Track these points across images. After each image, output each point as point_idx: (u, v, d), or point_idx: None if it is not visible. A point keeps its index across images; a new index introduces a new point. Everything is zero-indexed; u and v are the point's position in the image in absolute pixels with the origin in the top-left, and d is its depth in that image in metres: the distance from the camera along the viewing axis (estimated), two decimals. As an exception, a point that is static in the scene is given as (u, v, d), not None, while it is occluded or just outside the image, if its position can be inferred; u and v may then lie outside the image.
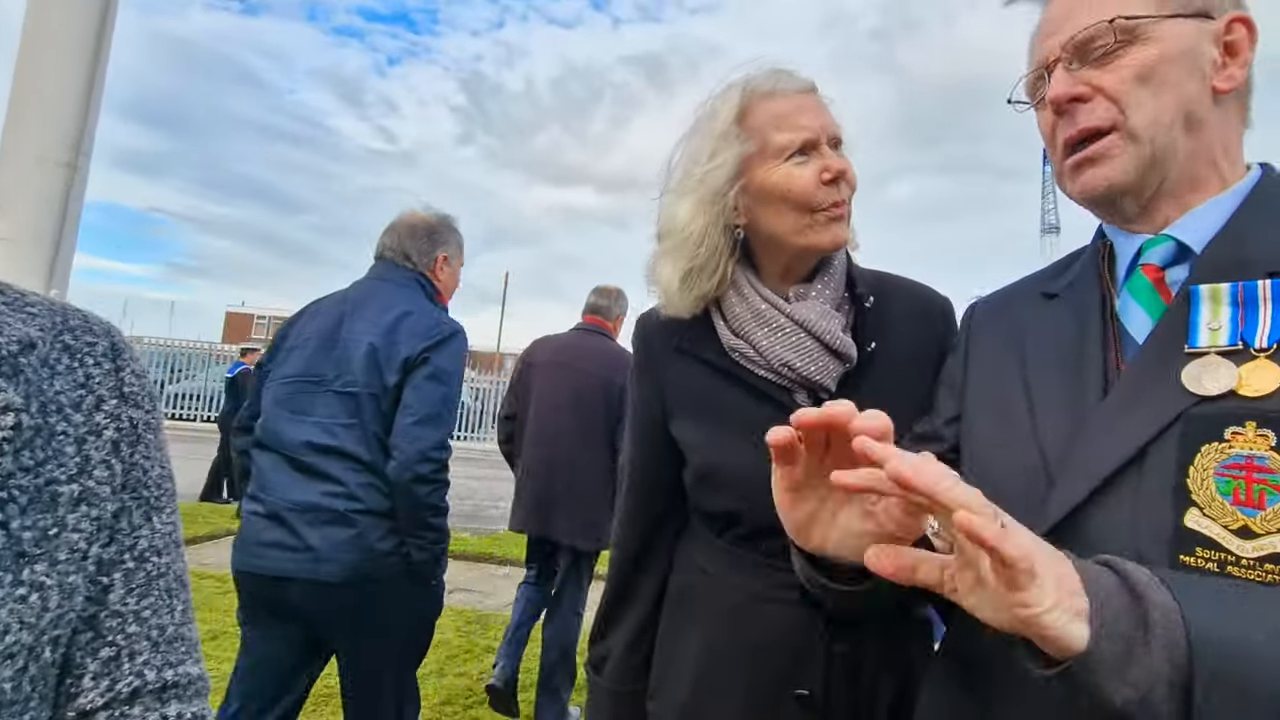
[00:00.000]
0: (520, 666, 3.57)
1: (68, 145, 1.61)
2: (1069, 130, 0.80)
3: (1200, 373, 0.68)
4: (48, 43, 1.57)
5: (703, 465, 1.12)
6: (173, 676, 0.56)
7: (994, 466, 0.82)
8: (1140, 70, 0.76)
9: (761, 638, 1.06)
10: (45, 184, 1.56)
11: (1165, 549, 0.65)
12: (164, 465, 0.62)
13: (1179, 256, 0.77)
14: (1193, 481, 0.65)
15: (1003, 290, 1.02)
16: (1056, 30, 0.81)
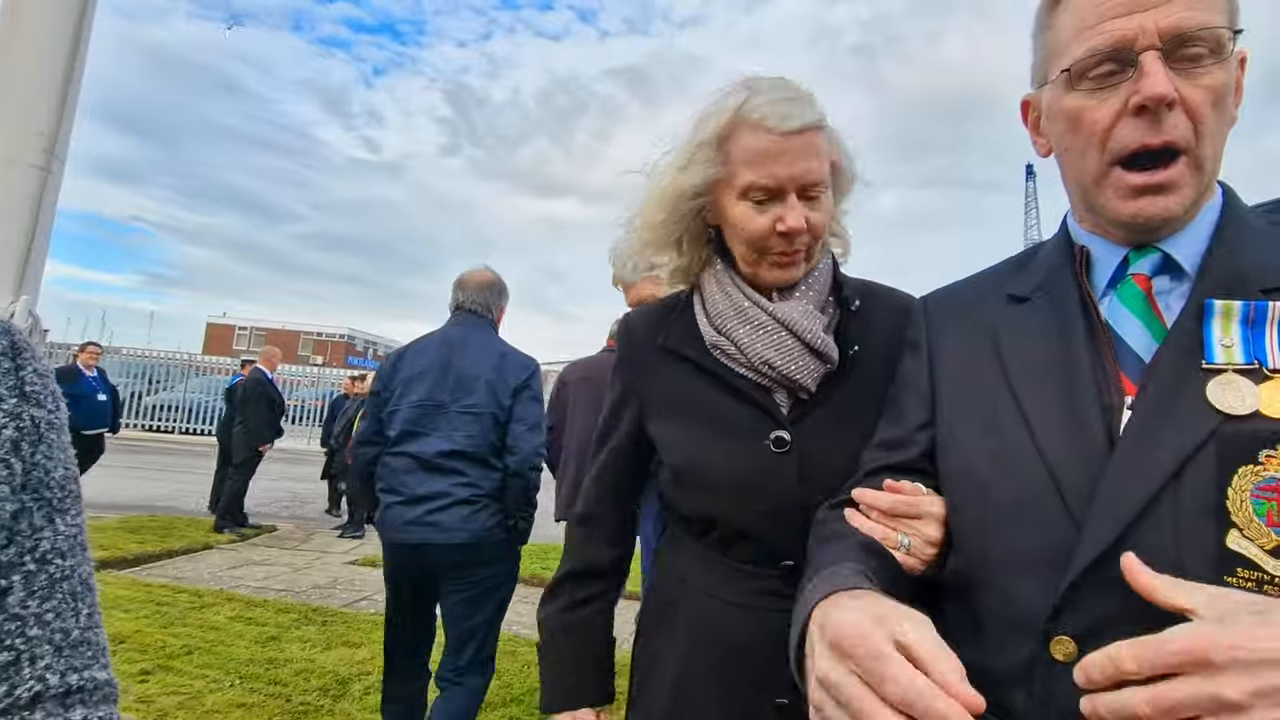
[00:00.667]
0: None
1: (41, 148, 1.58)
2: (1149, 136, 0.72)
3: (1224, 390, 0.68)
4: (22, 43, 1.54)
5: (680, 464, 1.12)
6: (77, 681, 0.55)
7: (994, 483, 0.80)
8: (1218, 93, 0.72)
9: (740, 646, 1.05)
10: (16, 186, 1.53)
11: (1210, 569, 0.65)
12: (68, 466, 0.60)
13: (1165, 267, 0.78)
14: (1231, 503, 0.65)
15: (955, 287, 1.00)
16: (1147, 5, 0.72)
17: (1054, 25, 0.80)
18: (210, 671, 3.80)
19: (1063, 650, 0.71)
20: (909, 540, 0.84)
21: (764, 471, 1.04)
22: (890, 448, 0.94)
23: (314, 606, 5.16)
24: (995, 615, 0.77)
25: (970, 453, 0.84)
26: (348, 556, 7.06)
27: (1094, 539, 0.70)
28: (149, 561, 6.21)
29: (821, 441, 1.04)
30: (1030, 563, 0.74)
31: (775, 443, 1.04)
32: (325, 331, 53.84)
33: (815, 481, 1.02)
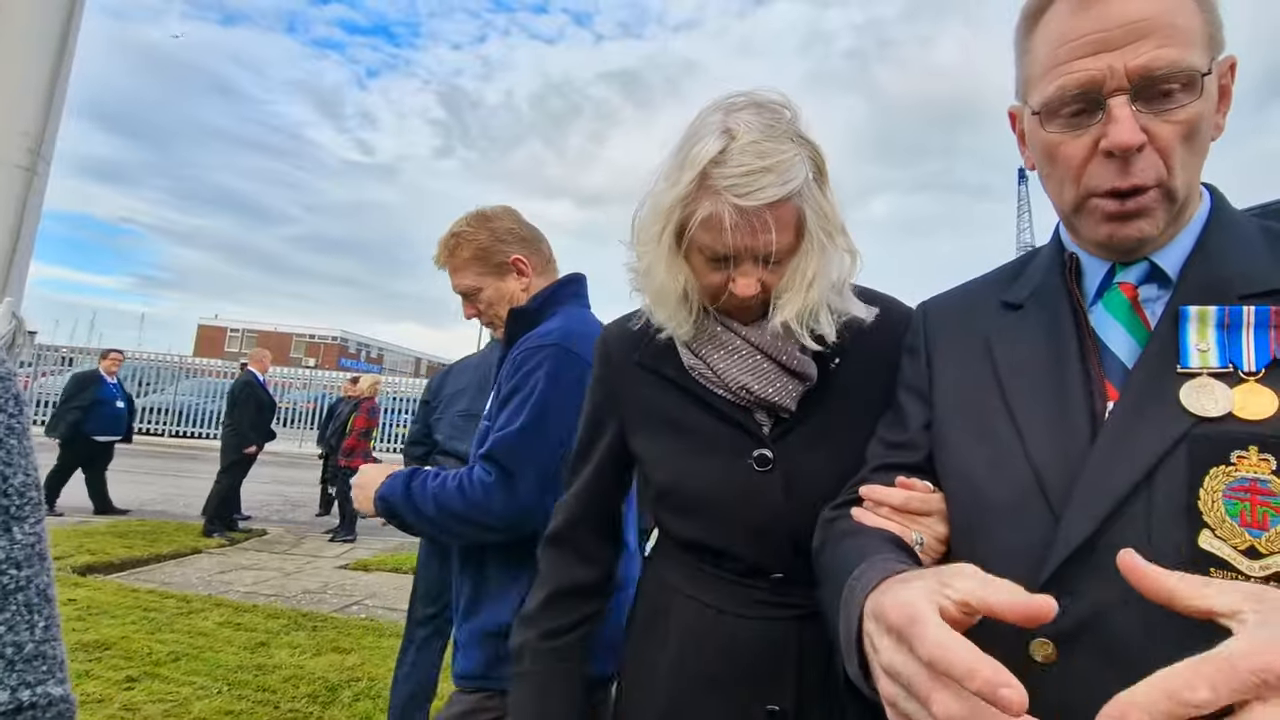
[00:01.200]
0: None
1: (25, 148, 1.56)
2: (1120, 179, 0.74)
3: (1197, 394, 0.70)
4: (8, 42, 1.52)
5: (664, 484, 1.11)
6: (29, 697, 0.53)
7: (987, 488, 0.81)
8: (1190, 128, 0.73)
9: (733, 654, 1.04)
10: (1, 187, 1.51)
11: (1182, 569, 0.63)
12: (28, 473, 0.57)
13: (1150, 274, 0.79)
14: (1203, 503, 0.66)
15: (953, 294, 1.02)
16: (1114, 45, 0.72)
17: (1030, 50, 0.81)
18: (197, 678, 3.76)
19: (1042, 652, 0.72)
20: (921, 537, 0.84)
21: (748, 490, 1.03)
22: (896, 447, 0.95)
23: (304, 612, 5.12)
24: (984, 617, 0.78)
25: (964, 457, 0.85)
26: (339, 561, 7.01)
27: (1068, 535, 0.71)
28: (136, 566, 6.14)
29: (805, 458, 1.03)
30: (1013, 562, 0.75)
31: (758, 461, 1.03)
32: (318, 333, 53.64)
33: (801, 498, 1.01)
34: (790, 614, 1.03)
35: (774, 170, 0.91)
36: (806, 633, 1.02)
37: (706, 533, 1.08)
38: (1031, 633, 0.72)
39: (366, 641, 4.56)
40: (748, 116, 0.94)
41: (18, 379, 0.61)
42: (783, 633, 1.02)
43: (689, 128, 0.99)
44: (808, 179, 0.95)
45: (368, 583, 6.29)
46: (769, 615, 1.04)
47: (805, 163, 0.95)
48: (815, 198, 0.97)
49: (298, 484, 11.91)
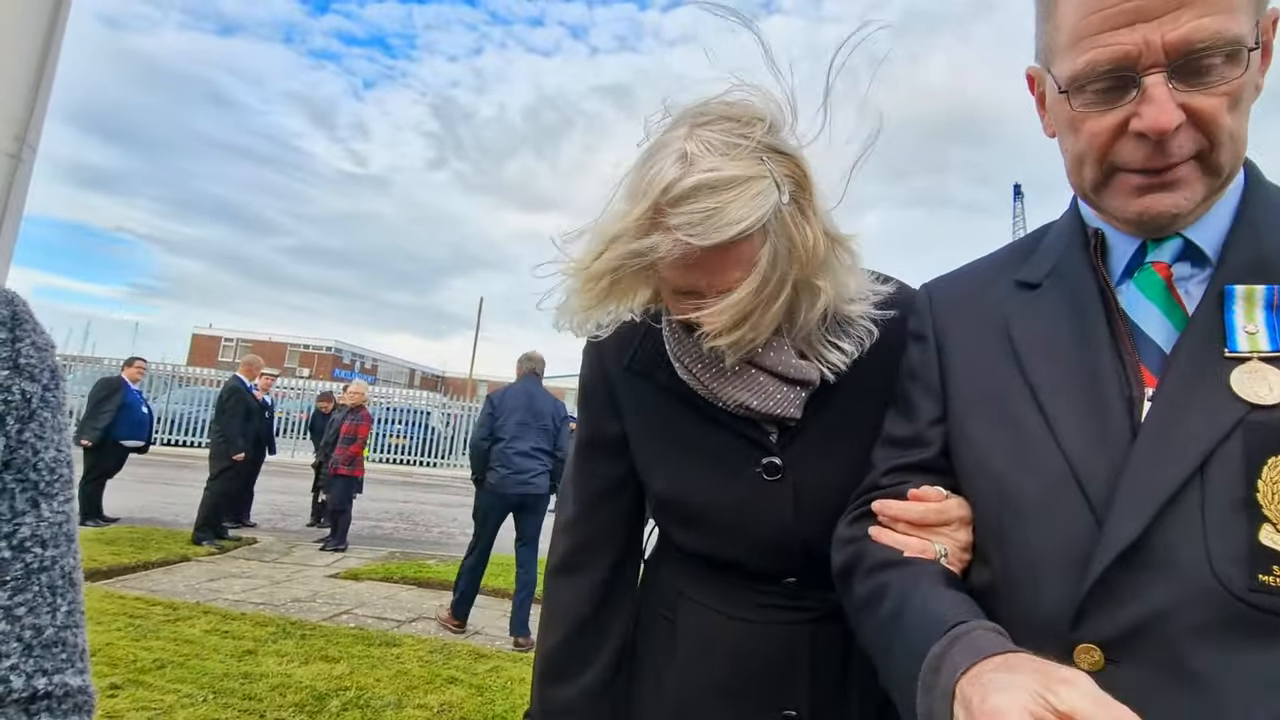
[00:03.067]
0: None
1: (13, 135, 1.53)
2: (1152, 160, 0.68)
3: (1249, 379, 0.64)
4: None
5: (665, 495, 1.05)
6: (45, 686, 0.49)
7: (1015, 482, 0.75)
8: (1233, 98, 0.67)
9: (744, 660, 1.00)
10: (-16, 173, 1.48)
11: (1242, 568, 0.61)
12: (60, 449, 0.55)
13: (1185, 252, 0.73)
14: (1263, 496, 0.61)
15: (960, 274, 0.95)
16: (1151, 14, 0.65)
17: (1054, 14, 0.73)
18: (183, 686, 3.69)
19: (1089, 660, 0.67)
20: (944, 549, 0.80)
21: (757, 501, 0.97)
22: (904, 445, 0.89)
23: (292, 620, 5.04)
24: (1015, 621, 0.73)
25: (985, 449, 0.80)
26: (329, 570, 6.92)
27: (1116, 536, 0.66)
28: (124, 573, 6.05)
29: (816, 464, 0.98)
30: (1051, 563, 0.71)
31: (767, 470, 0.97)
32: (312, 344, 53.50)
33: (812, 509, 0.96)
34: (804, 617, 0.99)
35: (728, 209, 0.81)
36: (820, 636, 0.98)
37: (713, 544, 1.02)
38: (1077, 638, 0.68)
39: (355, 650, 4.49)
40: (712, 135, 0.85)
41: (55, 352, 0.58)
42: (796, 637, 0.98)
43: (655, 140, 0.90)
44: (776, 207, 0.85)
45: (358, 592, 6.21)
46: (782, 620, 0.99)
47: (774, 188, 0.84)
48: (785, 226, 0.86)
49: (290, 493, 11.81)
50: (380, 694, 3.84)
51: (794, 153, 0.88)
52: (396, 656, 4.47)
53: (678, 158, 0.84)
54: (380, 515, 10.79)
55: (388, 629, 5.14)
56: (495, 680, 4.21)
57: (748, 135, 0.85)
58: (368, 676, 4.07)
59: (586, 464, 1.13)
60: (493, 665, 4.44)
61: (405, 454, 20.25)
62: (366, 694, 3.81)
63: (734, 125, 0.86)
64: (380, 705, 3.70)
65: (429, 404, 21.68)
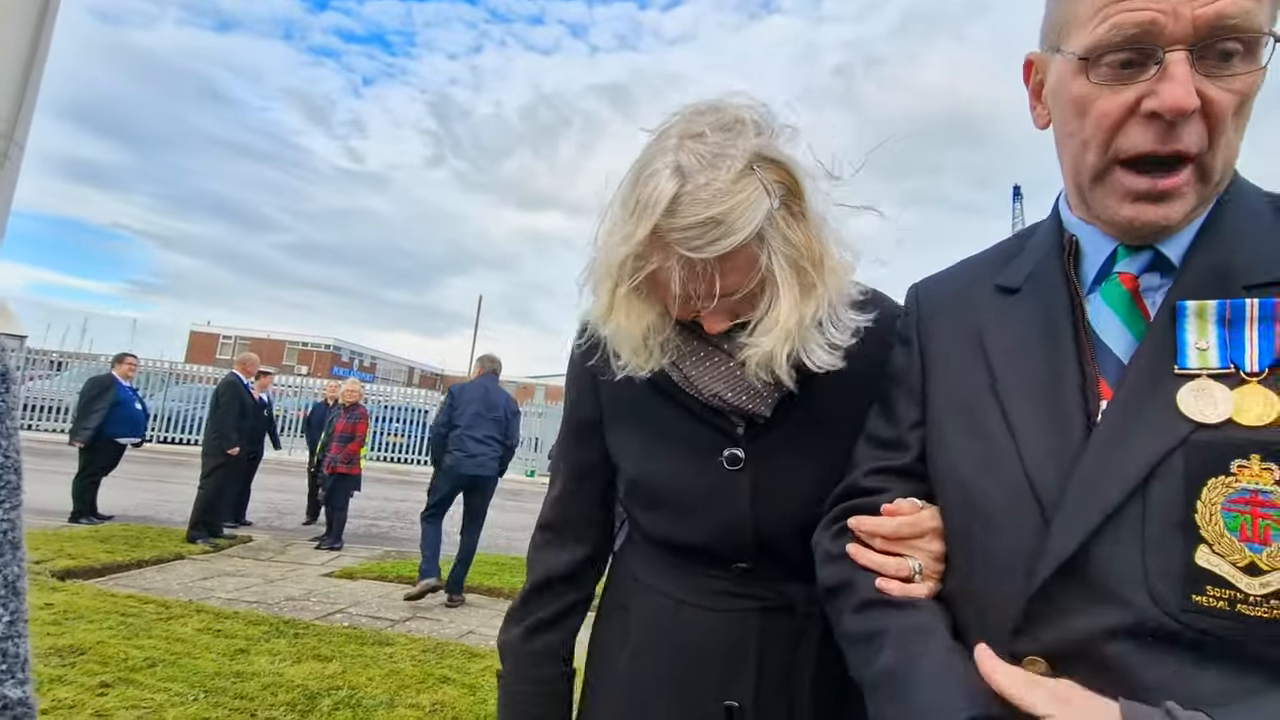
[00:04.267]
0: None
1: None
2: (1159, 143, 0.66)
3: (1195, 397, 0.65)
4: (-20, 23, 1.49)
5: (635, 477, 1.09)
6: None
7: (980, 491, 0.76)
8: (1242, 99, 0.66)
9: (692, 648, 1.02)
10: (-31, 170, 1.47)
11: (1177, 587, 0.62)
12: (8, 455, 0.54)
13: (1154, 263, 0.73)
14: (1200, 516, 0.62)
15: (947, 274, 0.96)
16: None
17: None
18: (173, 685, 3.68)
19: (1035, 670, 0.67)
20: (918, 564, 0.81)
21: (715, 489, 1.01)
22: (886, 447, 0.90)
23: (285, 619, 5.03)
24: (973, 628, 0.74)
25: (956, 456, 0.80)
26: (324, 569, 6.92)
27: (1055, 549, 0.67)
28: (117, 571, 6.04)
29: (778, 460, 1.00)
30: (1007, 573, 0.71)
31: (729, 460, 1.00)
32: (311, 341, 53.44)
33: (768, 502, 0.99)
34: (752, 606, 1.00)
35: (724, 220, 0.83)
36: (769, 626, 0.99)
37: (671, 526, 1.06)
38: (1023, 650, 0.68)
39: (348, 650, 4.48)
40: (701, 146, 0.87)
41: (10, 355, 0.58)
42: (743, 626, 1.00)
43: (646, 151, 0.92)
44: (770, 214, 0.86)
45: (352, 590, 6.21)
46: (730, 607, 1.01)
47: (765, 195, 0.86)
48: (781, 231, 0.88)
49: (286, 490, 11.80)
50: (372, 693, 3.83)
51: (783, 159, 0.89)
52: (389, 656, 4.46)
53: (671, 172, 0.86)
54: (376, 514, 10.78)
55: (381, 628, 5.14)
56: (488, 680, 4.20)
57: (736, 144, 0.87)
58: (360, 675, 4.06)
59: (570, 444, 1.19)
60: (486, 665, 4.43)
61: (403, 452, 20.23)
62: (358, 693, 3.81)
63: (723, 135, 0.88)
64: (372, 704, 3.69)
65: (427, 402, 21.63)
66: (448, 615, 5.76)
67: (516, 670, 1.13)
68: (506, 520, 11.35)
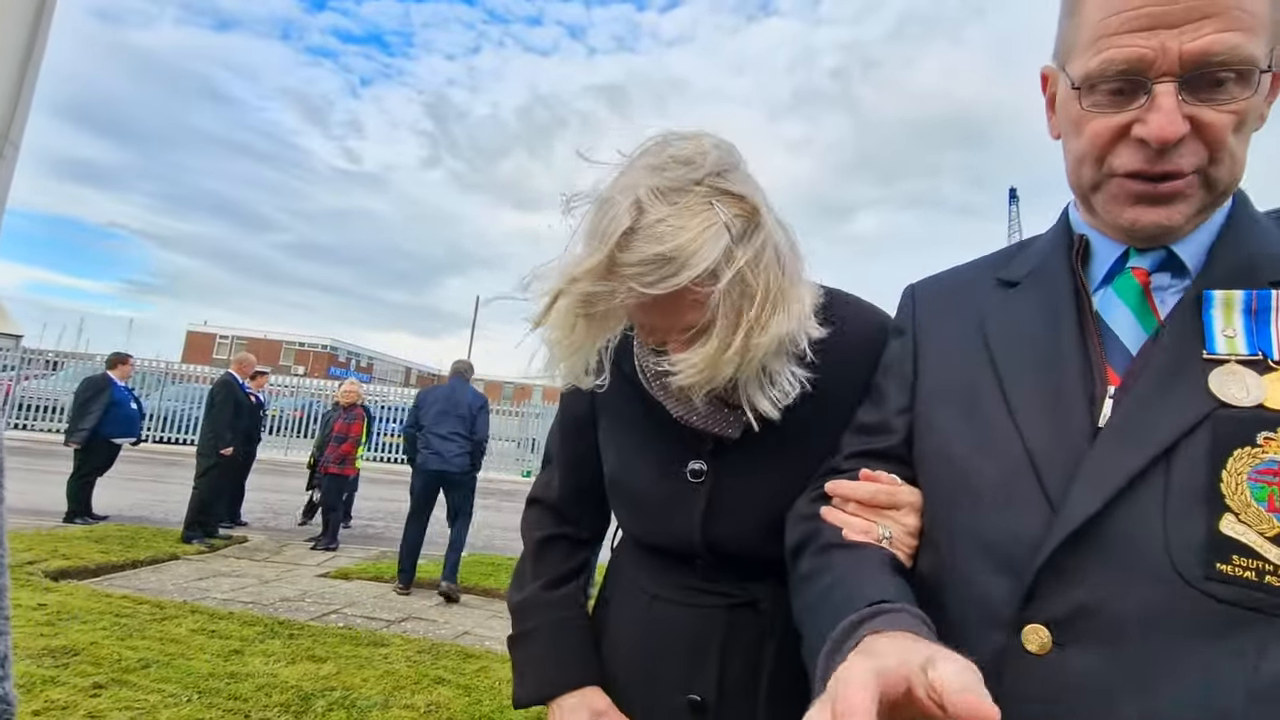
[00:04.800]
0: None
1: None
2: (1156, 164, 0.68)
3: (1228, 380, 0.65)
4: (-24, 23, 1.49)
5: (611, 477, 1.14)
6: None
7: (973, 468, 0.77)
8: (1241, 118, 0.67)
9: (661, 641, 1.05)
10: (-35, 169, 1.47)
11: (1199, 556, 0.62)
12: None
13: (1166, 263, 0.74)
14: (1226, 485, 0.62)
15: (945, 275, 0.97)
16: (1173, 22, 0.65)
17: (1080, 12, 0.73)
18: (167, 686, 3.67)
19: (1037, 641, 0.67)
20: (889, 531, 0.82)
21: (674, 499, 1.04)
22: (869, 432, 0.91)
23: (280, 619, 5.02)
24: (962, 606, 0.75)
25: (948, 435, 0.81)
26: (320, 569, 6.90)
27: (1069, 517, 0.66)
28: (111, 572, 6.02)
29: (739, 476, 1.01)
30: (1002, 550, 0.72)
31: (691, 473, 1.03)
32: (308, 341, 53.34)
33: (721, 517, 1.01)
34: (720, 602, 1.03)
35: (677, 257, 0.82)
36: (733, 622, 1.01)
37: (638, 526, 1.11)
38: (1025, 618, 0.68)
39: (343, 651, 4.48)
40: (662, 181, 0.86)
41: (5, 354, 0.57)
42: (709, 621, 1.02)
43: (611, 183, 0.90)
44: (727, 250, 0.84)
45: (348, 591, 6.20)
46: (697, 603, 1.04)
47: (724, 231, 0.84)
48: (737, 267, 0.85)
49: (282, 491, 11.77)
50: (367, 694, 3.83)
51: (746, 194, 0.88)
52: (384, 656, 4.45)
53: (629, 205, 0.85)
54: (372, 514, 10.76)
55: (376, 629, 5.13)
56: (483, 680, 4.19)
57: (698, 179, 0.86)
58: (355, 676, 4.06)
59: (563, 437, 1.23)
60: (481, 665, 4.43)
61: (400, 453, 20.18)
62: (353, 694, 3.80)
63: (685, 168, 0.87)
64: (366, 705, 3.69)
65: (423, 403, 21.56)
66: (443, 616, 5.75)
67: (541, 613, 1.14)
68: (503, 521, 11.33)
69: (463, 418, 6.35)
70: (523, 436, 20.28)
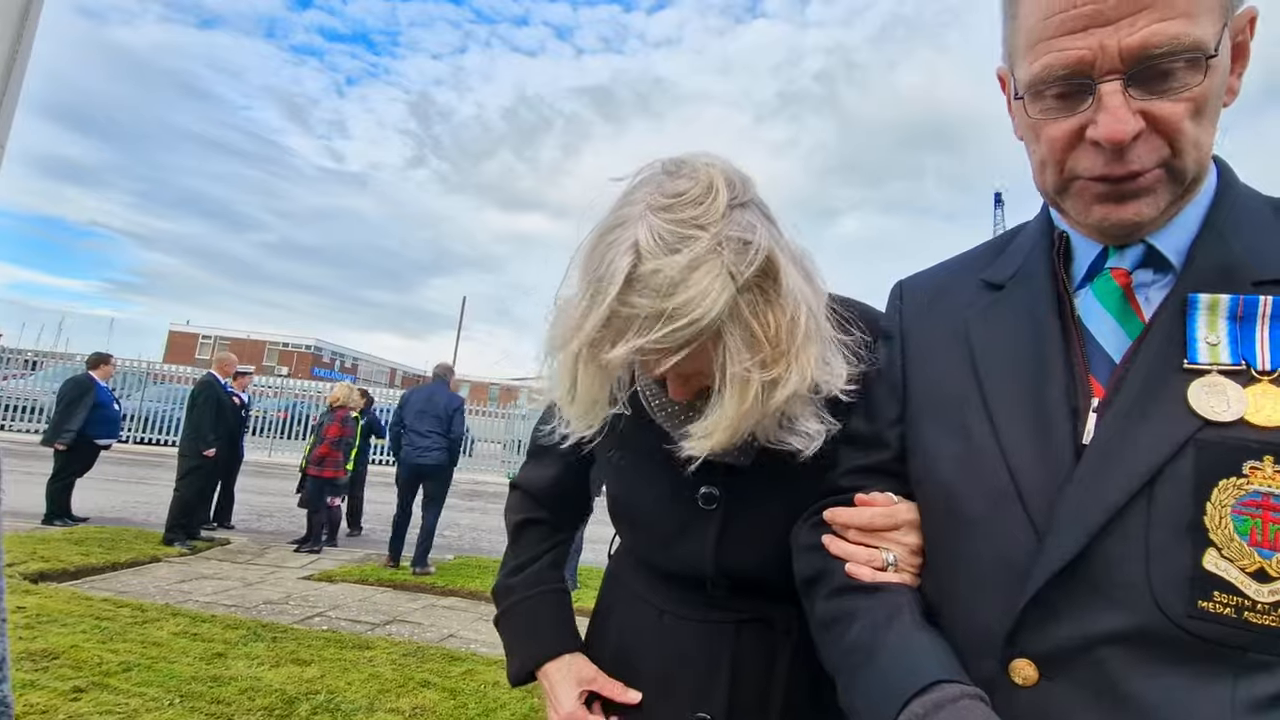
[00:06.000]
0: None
1: (-22, 132, 1.51)
2: (1110, 167, 0.66)
3: (1207, 394, 0.62)
4: (-39, 23, 1.48)
5: (614, 495, 1.11)
6: None
7: (961, 492, 0.75)
8: (1199, 105, 0.64)
9: (669, 657, 1.02)
10: (-51, 170, 1.46)
11: (1183, 592, 0.60)
12: None
13: (1147, 258, 0.71)
14: (1210, 519, 0.59)
15: (933, 271, 0.94)
16: (1108, 18, 0.63)
17: (1017, 15, 0.71)
18: (149, 690, 3.63)
19: (1022, 675, 0.67)
20: (893, 555, 0.80)
21: (685, 526, 1.00)
22: (864, 445, 0.89)
23: (264, 622, 4.98)
24: (955, 632, 0.74)
25: (935, 456, 0.79)
26: (303, 572, 6.85)
27: (1055, 552, 0.64)
28: (92, 574, 5.94)
29: (752, 502, 0.99)
30: (991, 576, 0.70)
31: (704, 499, 0.99)
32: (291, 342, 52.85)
33: (735, 542, 0.98)
34: (730, 618, 1.01)
35: (678, 314, 0.76)
36: (744, 639, 0.99)
37: (647, 550, 1.08)
38: (1012, 653, 0.67)
39: (327, 654, 4.45)
40: (666, 224, 0.78)
41: None
42: (720, 638, 1.00)
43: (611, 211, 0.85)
44: (733, 301, 0.78)
45: (332, 594, 6.15)
46: (709, 619, 1.01)
47: (730, 280, 0.77)
48: (744, 320, 0.80)
49: (266, 493, 11.66)
50: (351, 698, 3.81)
51: (756, 238, 0.81)
52: (369, 659, 4.43)
53: (628, 248, 0.78)
54: (357, 516, 10.67)
55: (361, 631, 5.10)
56: (469, 684, 4.18)
57: (704, 221, 0.79)
58: (339, 680, 4.03)
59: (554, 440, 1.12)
60: (467, 668, 4.42)
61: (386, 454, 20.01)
62: (337, 698, 3.78)
63: (692, 209, 0.79)
64: (351, 709, 3.67)
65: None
66: (429, 619, 5.73)
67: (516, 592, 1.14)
68: (490, 523, 11.30)
69: (439, 417, 7.11)
70: (509, 438, 20.18)
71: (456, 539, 9.82)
